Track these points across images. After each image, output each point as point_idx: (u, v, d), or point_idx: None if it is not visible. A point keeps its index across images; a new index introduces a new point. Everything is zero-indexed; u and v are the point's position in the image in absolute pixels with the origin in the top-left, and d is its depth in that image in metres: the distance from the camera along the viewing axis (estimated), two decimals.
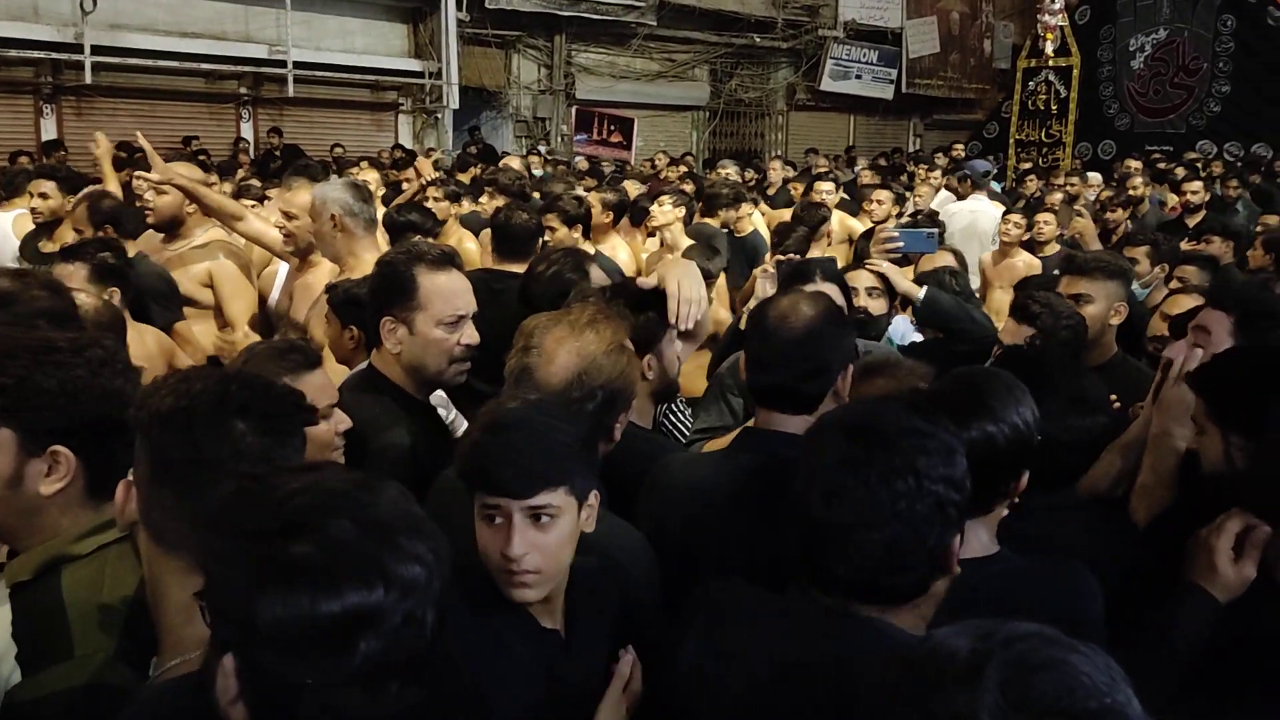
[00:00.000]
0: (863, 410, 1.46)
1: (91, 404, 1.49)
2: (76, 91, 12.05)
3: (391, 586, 0.95)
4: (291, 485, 1.01)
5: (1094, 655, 0.91)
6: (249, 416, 1.35)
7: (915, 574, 1.34)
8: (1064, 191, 8.88)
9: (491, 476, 1.50)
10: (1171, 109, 16.10)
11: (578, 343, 1.93)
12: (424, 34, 14.17)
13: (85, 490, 1.53)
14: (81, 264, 3.19)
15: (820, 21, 18.11)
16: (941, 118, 20.43)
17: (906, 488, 1.30)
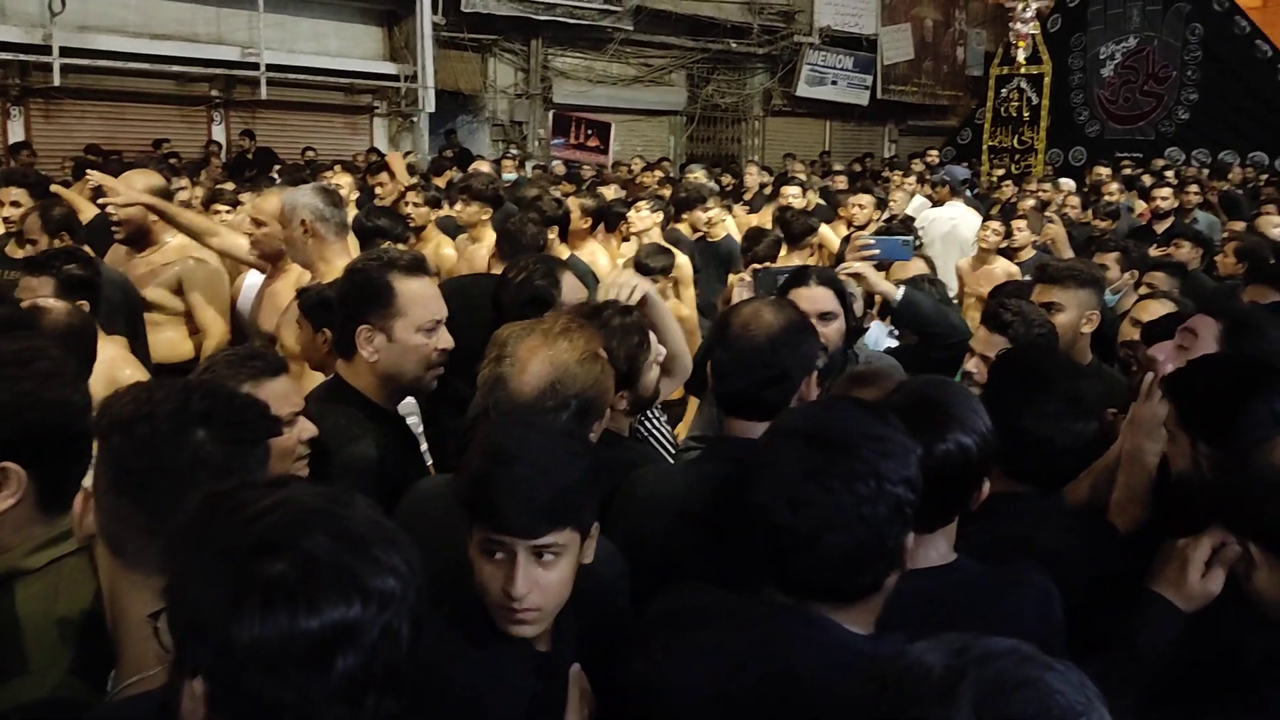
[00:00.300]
0: (818, 416, 1.47)
1: (39, 417, 1.46)
2: (45, 94, 11.89)
3: (369, 601, 0.95)
4: (263, 502, 0.99)
5: (1068, 673, 0.91)
6: (210, 425, 1.32)
7: (875, 573, 1.38)
8: (1036, 198, 8.96)
9: (500, 514, 1.46)
10: (1141, 116, 16.28)
11: (550, 351, 1.91)
12: (399, 37, 14.10)
13: (37, 504, 1.49)
14: (48, 277, 3.14)
15: (796, 28, 18.20)
16: (916, 124, 20.58)
17: (869, 491, 1.33)
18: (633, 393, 2.29)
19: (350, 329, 2.30)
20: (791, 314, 2.04)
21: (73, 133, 11.96)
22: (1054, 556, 1.87)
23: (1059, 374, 2.06)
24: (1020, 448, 1.95)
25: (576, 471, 1.51)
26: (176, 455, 1.29)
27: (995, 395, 2.05)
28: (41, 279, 3.13)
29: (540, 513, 1.45)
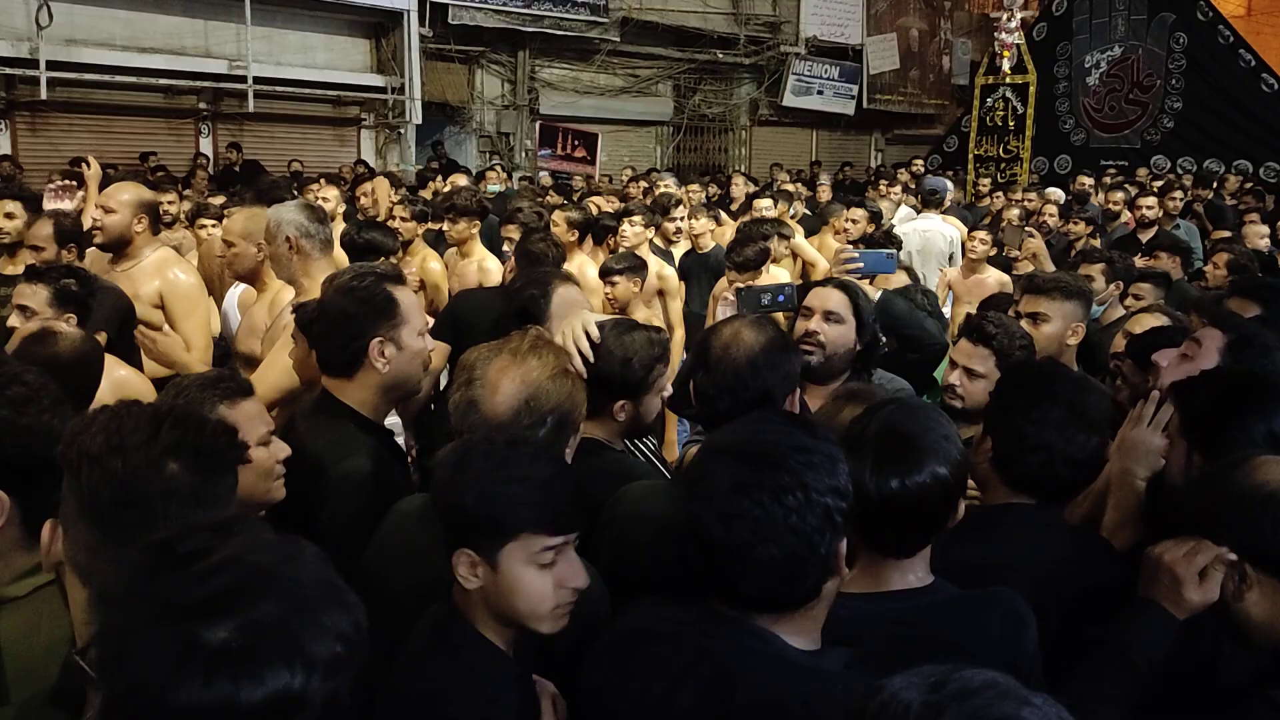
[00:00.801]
0: (749, 431, 1.49)
1: (17, 444, 1.46)
2: (32, 107, 11.87)
3: (313, 670, 0.92)
4: (210, 558, 0.96)
5: (1046, 707, 0.91)
6: (181, 455, 1.32)
7: (810, 580, 1.41)
8: (1021, 207, 9.00)
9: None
10: (1126, 124, 16.38)
11: (520, 370, 1.92)
12: (386, 49, 14.10)
13: (20, 530, 1.49)
14: (44, 286, 3.16)
15: (782, 38, 18.26)
16: (902, 133, 20.67)
17: (796, 502, 1.37)
18: (634, 406, 2.26)
19: (360, 344, 2.30)
20: (771, 333, 2.04)
21: (60, 146, 11.93)
22: (1049, 569, 1.88)
23: (1065, 384, 2.07)
24: (1019, 454, 1.97)
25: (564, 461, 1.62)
26: (148, 487, 1.29)
27: (1000, 402, 2.07)
28: (36, 287, 3.15)
29: (583, 503, 1.60)
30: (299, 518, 2.08)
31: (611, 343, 2.23)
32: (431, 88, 14.52)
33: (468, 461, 1.56)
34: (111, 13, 11.93)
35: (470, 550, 1.54)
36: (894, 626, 1.57)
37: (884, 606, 1.51)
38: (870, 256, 3.39)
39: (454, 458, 1.58)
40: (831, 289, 2.88)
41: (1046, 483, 1.99)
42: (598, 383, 2.19)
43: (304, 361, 3.00)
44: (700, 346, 2.11)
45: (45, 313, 3.11)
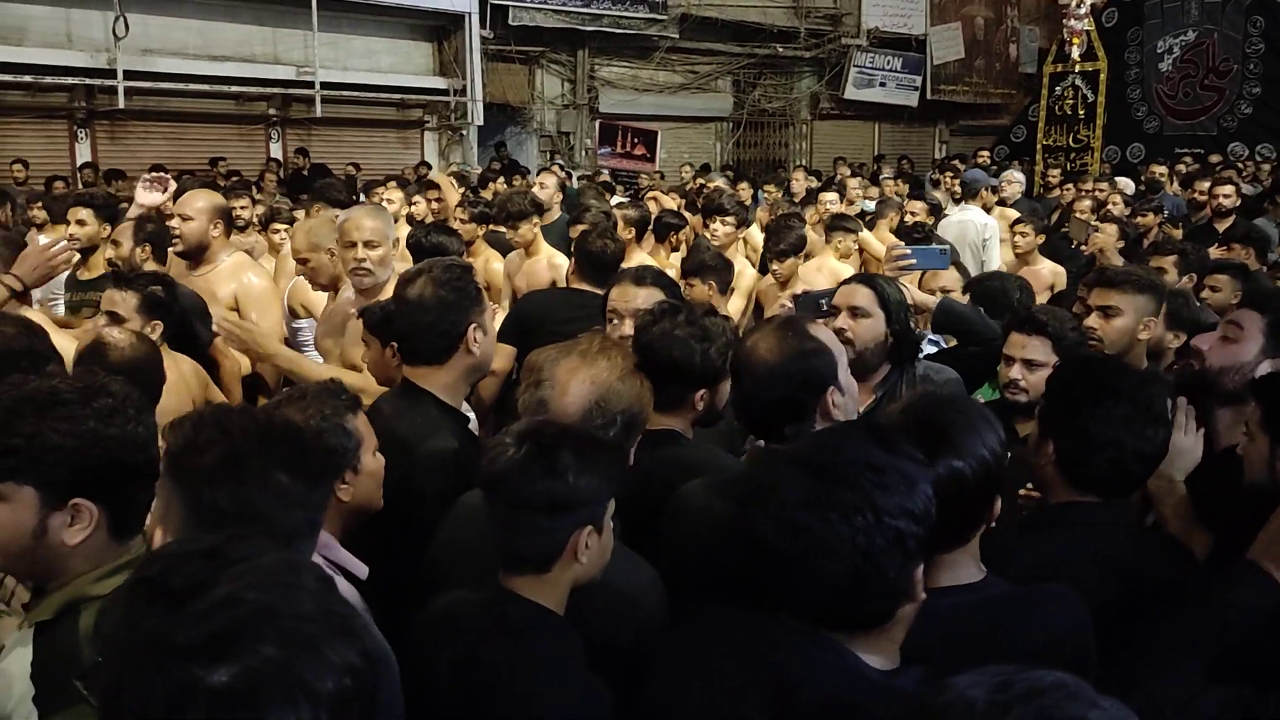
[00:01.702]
0: (822, 445, 1.47)
1: (105, 453, 1.50)
2: (110, 116, 12.25)
3: (319, 706, 0.90)
4: (210, 595, 0.93)
5: (1115, 710, 0.90)
6: (291, 469, 1.43)
7: (878, 604, 1.39)
8: (1093, 198, 8.81)
9: None
10: (1202, 111, 15.92)
11: (591, 371, 1.97)
12: (448, 52, 14.28)
13: (109, 533, 1.54)
14: (133, 293, 3.25)
15: (843, 30, 18.08)
16: (967, 123, 20.32)
17: (865, 523, 1.34)
18: (711, 394, 2.30)
19: (459, 330, 2.46)
20: (791, 340, 2.00)
21: (137, 153, 12.29)
22: (1120, 568, 1.87)
23: (1126, 378, 2.03)
24: (1087, 453, 1.93)
25: None
26: (262, 498, 1.40)
27: (1060, 402, 2.03)
28: (126, 294, 3.24)
29: None
30: (387, 497, 2.16)
31: (688, 333, 2.24)
32: (492, 89, 14.67)
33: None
34: (184, 22, 12.26)
35: (591, 524, 1.66)
36: (945, 623, 1.56)
37: (934, 603, 1.49)
38: (922, 252, 3.35)
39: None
40: (856, 284, 2.88)
41: (1116, 480, 1.96)
42: (678, 374, 2.22)
43: (379, 362, 3.07)
44: (735, 355, 2.13)
45: (134, 319, 3.21)
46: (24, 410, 1.49)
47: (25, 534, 1.49)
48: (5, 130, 11.76)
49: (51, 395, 1.51)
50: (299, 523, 1.48)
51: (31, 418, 1.48)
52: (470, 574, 1.85)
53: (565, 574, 1.68)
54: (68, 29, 11.66)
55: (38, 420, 1.48)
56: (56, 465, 1.48)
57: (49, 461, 1.47)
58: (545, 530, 1.65)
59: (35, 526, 1.49)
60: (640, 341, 2.27)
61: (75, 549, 1.52)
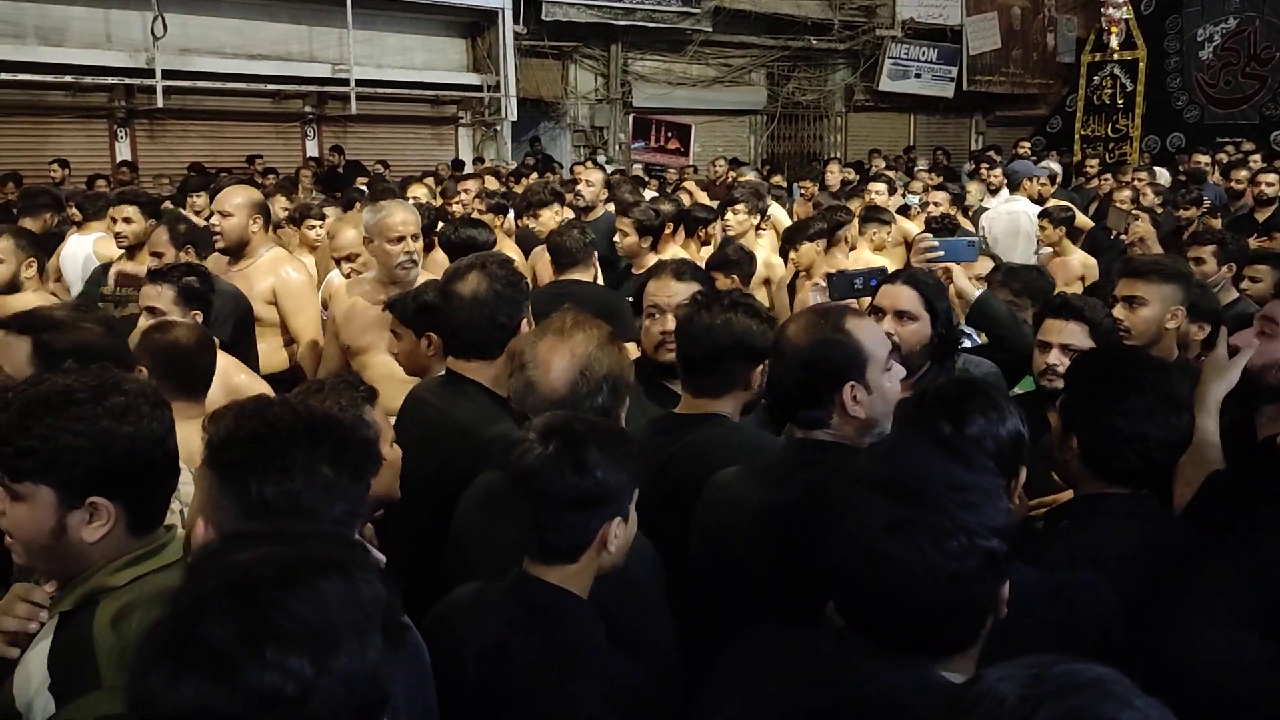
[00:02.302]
0: (900, 464, 1.37)
1: (120, 452, 1.51)
2: (149, 115, 12.41)
3: (238, 693, 0.92)
4: (231, 556, 1.00)
5: (1149, 710, 0.87)
6: (335, 462, 1.47)
7: (968, 629, 1.31)
8: (1131, 188, 8.69)
9: None
10: (1244, 99, 15.62)
11: (569, 345, 2.03)
12: (482, 48, 14.34)
13: (127, 529, 1.56)
14: (168, 286, 3.32)
15: (878, 21, 17.93)
16: (1004, 114, 20.10)
17: (958, 547, 1.26)
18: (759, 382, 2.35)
19: (515, 323, 2.55)
20: (818, 327, 2.00)
21: (176, 152, 12.46)
22: (1150, 558, 1.86)
23: (1146, 369, 2.03)
24: (1112, 447, 1.93)
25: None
26: (306, 490, 1.44)
27: (1081, 396, 2.03)
28: (161, 288, 3.31)
29: None
30: (452, 483, 2.22)
31: (743, 311, 2.31)
32: (526, 84, 14.70)
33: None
34: (222, 22, 12.40)
35: (619, 516, 1.69)
36: None
37: None
38: (950, 244, 3.31)
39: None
40: (901, 286, 2.80)
41: (1144, 471, 1.96)
42: (740, 352, 2.28)
43: (413, 352, 3.09)
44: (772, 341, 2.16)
45: (172, 312, 3.27)
46: (38, 411, 1.51)
47: (45, 532, 1.52)
48: (46, 130, 11.95)
49: (65, 395, 1.53)
50: (342, 515, 1.50)
51: (47, 419, 1.50)
52: (491, 556, 1.90)
53: (592, 563, 1.71)
54: (107, 29, 11.83)
55: (53, 421, 1.50)
56: (72, 465, 1.49)
57: (65, 462, 1.49)
58: (575, 525, 1.67)
59: (54, 525, 1.51)
60: (692, 329, 2.31)
61: (94, 546, 1.54)
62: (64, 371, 1.63)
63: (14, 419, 1.51)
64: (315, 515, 1.44)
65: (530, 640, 1.64)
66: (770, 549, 1.88)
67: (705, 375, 2.31)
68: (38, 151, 11.49)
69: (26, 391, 1.56)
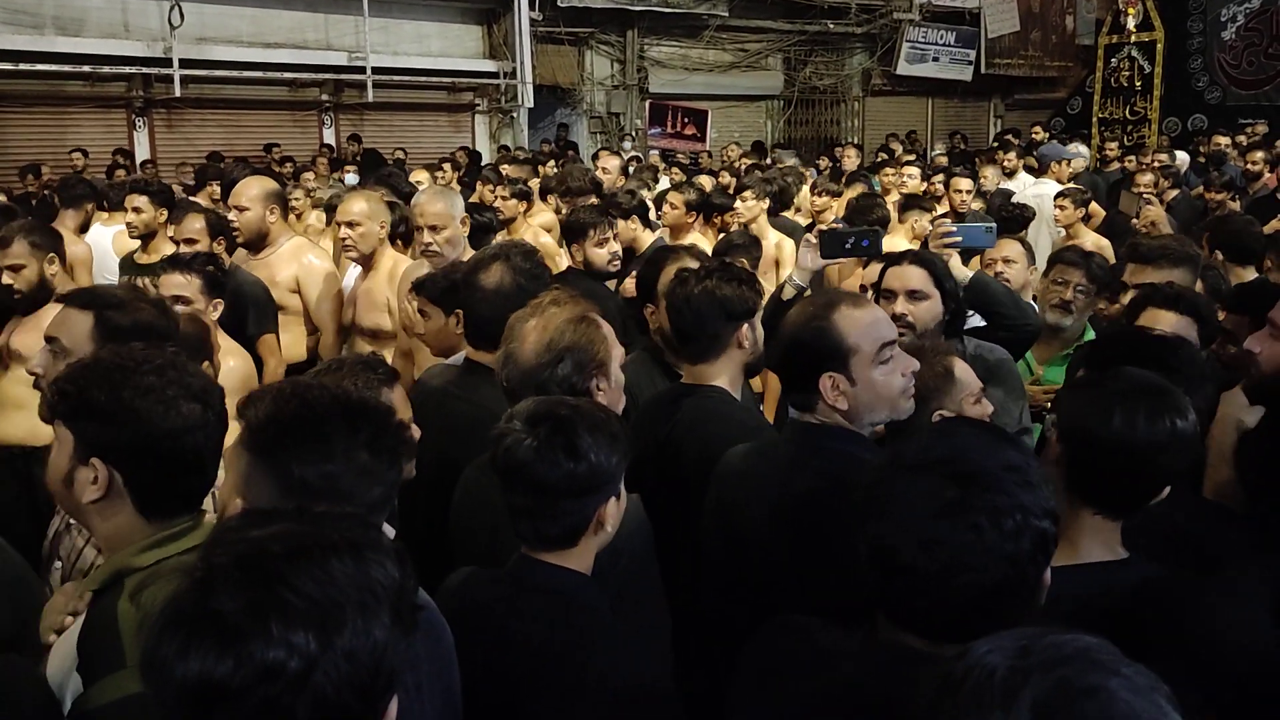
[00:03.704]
0: (948, 445, 1.32)
1: (128, 425, 1.55)
2: (167, 104, 12.49)
3: (243, 666, 0.93)
4: (245, 533, 1.02)
5: (1137, 677, 0.87)
6: (373, 446, 1.51)
7: (1015, 615, 1.24)
8: (1153, 171, 8.62)
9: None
10: (1266, 80, 15.45)
11: (542, 320, 2.13)
12: (498, 34, 14.33)
13: (135, 508, 1.59)
14: (195, 275, 3.34)
15: (895, 5, 17.78)
16: (1023, 97, 19.94)
17: (1014, 526, 1.23)
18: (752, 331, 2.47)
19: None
20: (805, 315, 2.03)
21: (194, 141, 12.53)
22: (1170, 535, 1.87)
23: (1154, 345, 2.11)
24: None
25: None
26: (345, 473, 1.48)
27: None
28: (190, 276, 3.33)
29: None
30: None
31: (719, 275, 2.46)
32: (542, 71, 14.69)
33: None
34: (238, 10, 12.44)
35: (614, 496, 1.71)
36: (1073, 605, 1.45)
37: (1073, 580, 1.44)
38: (968, 230, 3.30)
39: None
40: (909, 265, 2.82)
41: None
42: (725, 313, 2.40)
43: (441, 331, 3.11)
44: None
45: (199, 300, 3.30)
46: (94, 367, 1.60)
47: (59, 476, 1.59)
48: (65, 120, 12.03)
49: (120, 360, 1.60)
50: (377, 498, 1.53)
51: (94, 375, 1.58)
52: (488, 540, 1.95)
53: (591, 543, 1.73)
54: (124, 19, 11.89)
55: (94, 379, 1.57)
56: (89, 422, 1.56)
57: (85, 416, 1.56)
58: (572, 512, 1.68)
59: (66, 473, 1.59)
60: (677, 302, 2.46)
61: (91, 509, 1.59)
62: (155, 347, 1.70)
63: (77, 368, 1.62)
64: (351, 498, 1.46)
65: (543, 624, 1.65)
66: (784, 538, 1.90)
67: (695, 343, 2.47)
68: (57, 142, 11.58)
69: (107, 351, 1.67)
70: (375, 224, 4.06)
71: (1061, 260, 3.37)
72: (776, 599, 1.76)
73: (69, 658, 1.55)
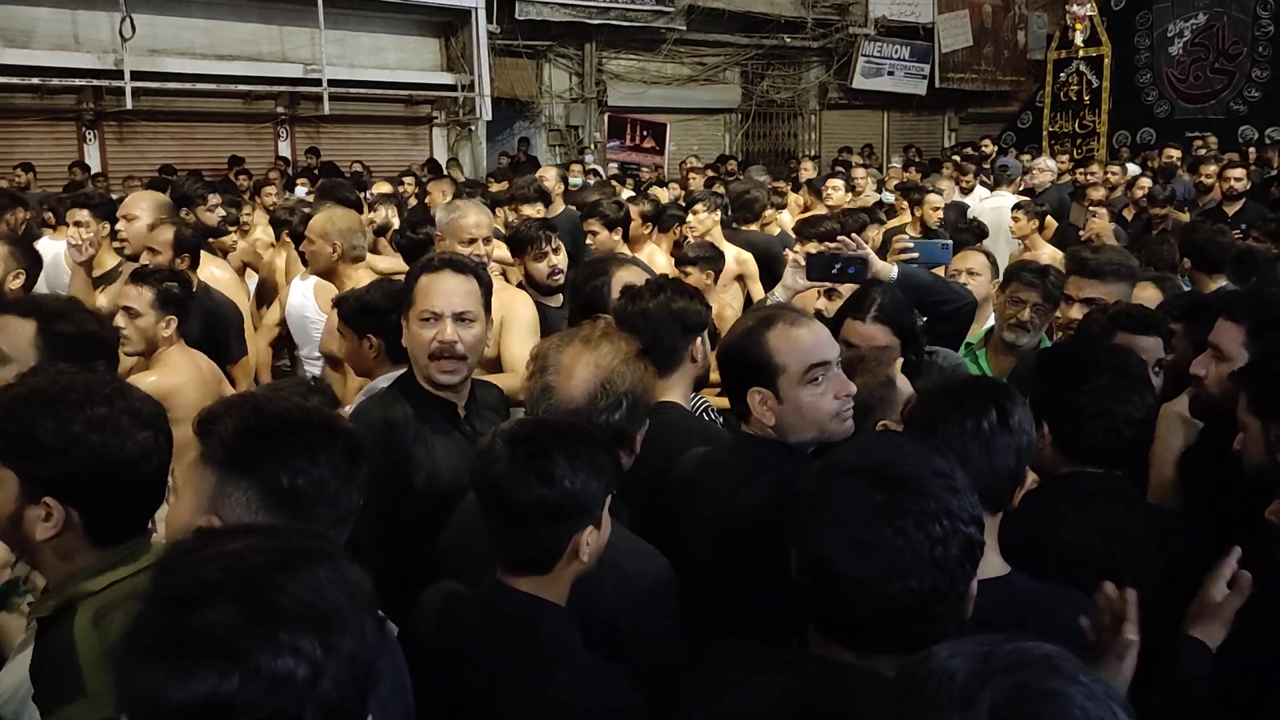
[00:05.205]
0: (878, 453, 1.34)
1: (84, 461, 1.49)
2: (118, 117, 12.30)
3: (252, 679, 0.91)
4: (216, 548, 0.99)
5: (1093, 685, 0.89)
6: (352, 454, 1.51)
7: (944, 621, 1.28)
8: (1104, 185, 8.78)
9: None
10: (1212, 94, 15.82)
11: (594, 355, 1.99)
12: (456, 47, 14.29)
13: (86, 538, 1.54)
14: (148, 288, 3.27)
15: (851, 19, 18.02)
16: (977, 111, 20.24)
17: (942, 532, 1.25)
18: (702, 346, 2.46)
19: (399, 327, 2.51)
20: (740, 329, 2.06)
21: (146, 154, 12.35)
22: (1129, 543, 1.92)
23: (1103, 352, 2.16)
24: (1080, 424, 2.01)
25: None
26: (331, 478, 1.47)
27: (1045, 386, 2.10)
28: (142, 289, 3.26)
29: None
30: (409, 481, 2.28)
31: (671, 289, 2.46)
32: (501, 84, 14.67)
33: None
34: (191, 22, 12.31)
35: (591, 525, 1.64)
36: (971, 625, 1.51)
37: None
38: (926, 246, 3.33)
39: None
40: (873, 327, 2.72)
41: (1114, 447, 2.03)
42: (682, 326, 2.38)
43: (355, 353, 3.04)
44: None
45: (149, 314, 3.23)
46: (32, 399, 1.52)
47: (5, 516, 1.52)
48: (13, 133, 11.81)
49: (62, 391, 1.53)
50: (355, 505, 1.53)
51: (35, 409, 1.50)
52: (476, 570, 1.87)
53: (566, 572, 1.67)
54: (74, 30, 11.71)
55: (37, 413, 1.50)
56: (37, 460, 1.49)
57: (31, 454, 1.49)
58: (544, 537, 1.62)
59: (13, 513, 1.51)
60: (629, 317, 2.42)
61: (46, 546, 1.53)
62: (86, 370, 1.65)
63: (9, 402, 1.53)
64: (339, 504, 1.47)
65: (509, 650, 1.62)
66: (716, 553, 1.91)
67: (652, 358, 2.32)
68: (4, 155, 11.35)
69: (38, 379, 1.59)
70: (326, 244, 3.93)
71: (1018, 279, 3.37)
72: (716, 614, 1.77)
73: (22, 686, 1.50)
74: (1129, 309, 2.82)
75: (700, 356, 2.46)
